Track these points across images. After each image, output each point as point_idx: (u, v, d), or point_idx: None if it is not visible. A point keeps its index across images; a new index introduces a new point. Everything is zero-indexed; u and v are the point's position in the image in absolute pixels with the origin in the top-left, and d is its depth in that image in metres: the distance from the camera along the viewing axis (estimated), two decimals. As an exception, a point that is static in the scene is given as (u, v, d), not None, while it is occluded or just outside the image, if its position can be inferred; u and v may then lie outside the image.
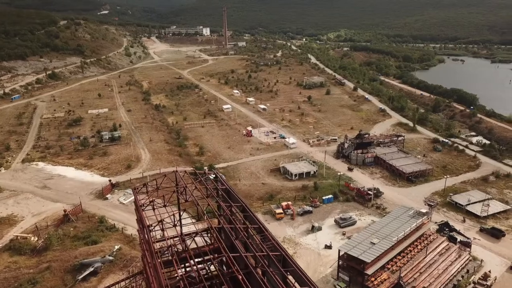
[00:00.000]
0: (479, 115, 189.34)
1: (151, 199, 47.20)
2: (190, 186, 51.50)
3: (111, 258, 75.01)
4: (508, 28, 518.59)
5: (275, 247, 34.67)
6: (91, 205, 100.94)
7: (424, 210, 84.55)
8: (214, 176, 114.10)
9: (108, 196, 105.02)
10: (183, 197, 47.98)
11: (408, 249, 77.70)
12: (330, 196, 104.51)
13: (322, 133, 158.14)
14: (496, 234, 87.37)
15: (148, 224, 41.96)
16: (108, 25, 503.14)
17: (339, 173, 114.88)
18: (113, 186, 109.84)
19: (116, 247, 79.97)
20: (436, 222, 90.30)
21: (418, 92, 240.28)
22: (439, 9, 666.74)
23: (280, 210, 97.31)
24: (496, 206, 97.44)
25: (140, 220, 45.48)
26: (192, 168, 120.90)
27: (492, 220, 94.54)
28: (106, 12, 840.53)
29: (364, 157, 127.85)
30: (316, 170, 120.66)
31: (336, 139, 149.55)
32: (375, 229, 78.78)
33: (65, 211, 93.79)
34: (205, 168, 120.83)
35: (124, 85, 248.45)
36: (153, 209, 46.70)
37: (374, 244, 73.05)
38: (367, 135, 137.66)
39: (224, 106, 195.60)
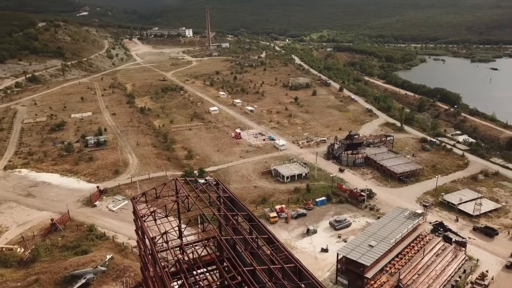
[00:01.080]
0: (463, 114, 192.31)
1: (152, 209, 45.15)
2: (192, 195, 49.81)
3: (103, 268, 72.35)
4: (485, 28, 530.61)
5: (289, 259, 33.27)
6: (79, 213, 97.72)
7: (419, 211, 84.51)
8: (204, 181, 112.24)
9: (97, 203, 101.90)
10: (185, 206, 46.02)
11: (405, 251, 77.44)
12: (324, 198, 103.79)
13: (311, 134, 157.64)
14: (489, 233, 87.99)
15: (152, 236, 39.99)
16: (88, 26, 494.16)
17: (331, 175, 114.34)
18: (101, 193, 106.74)
19: (108, 256, 77.26)
20: (430, 223, 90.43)
21: (403, 92, 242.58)
22: (418, 10, 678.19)
23: (274, 214, 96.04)
24: (487, 205, 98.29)
25: (142, 232, 43.43)
26: (182, 172, 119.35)
27: (484, 219, 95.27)
28: (85, 13, 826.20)
29: (354, 158, 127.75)
30: (308, 172, 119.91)
31: (325, 140, 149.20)
32: (372, 231, 78.20)
33: (52, 220, 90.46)
34: (195, 172, 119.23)
35: (107, 88, 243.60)
36: (155, 220, 44.69)
37: (372, 246, 72.42)
38: (356, 136, 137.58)
39: (211, 108, 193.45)
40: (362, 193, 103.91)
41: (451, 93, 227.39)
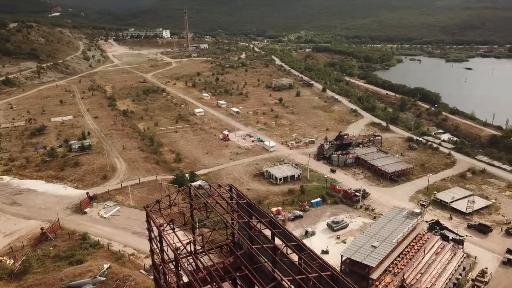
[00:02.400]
0: (444, 113, 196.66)
1: (169, 219, 43.47)
2: (210, 201, 48.35)
3: (102, 278, 69.63)
4: (458, 29, 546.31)
5: (323, 267, 32.35)
6: (69, 220, 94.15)
7: (417, 210, 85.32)
8: (199, 186, 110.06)
9: (87, 210, 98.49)
10: (203, 214, 44.50)
11: (406, 250, 77.94)
12: (319, 199, 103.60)
13: (299, 135, 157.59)
14: (483, 230, 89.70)
15: (171, 246, 38.29)
16: (61, 27, 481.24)
17: (326, 176, 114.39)
18: (91, 199, 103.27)
19: (106, 265, 74.57)
20: (426, 221, 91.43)
21: (384, 91, 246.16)
22: (392, 11, 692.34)
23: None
24: (479, 202, 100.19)
25: (161, 241, 41.73)
26: (173, 176, 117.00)
27: (476, 216, 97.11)
28: (57, 14, 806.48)
29: (345, 158, 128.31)
30: (300, 173, 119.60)
31: (314, 140, 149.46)
32: (373, 232, 78.39)
33: (42, 229, 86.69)
34: (187, 175, 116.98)
35: (86, 90, 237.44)
36: (173, 229, 43.02)
37: (375, 247, 72.55)
38: (346, 136, 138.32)
39: (196, 110, 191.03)
40: (357, 193, 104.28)
41: (431, 92, 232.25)
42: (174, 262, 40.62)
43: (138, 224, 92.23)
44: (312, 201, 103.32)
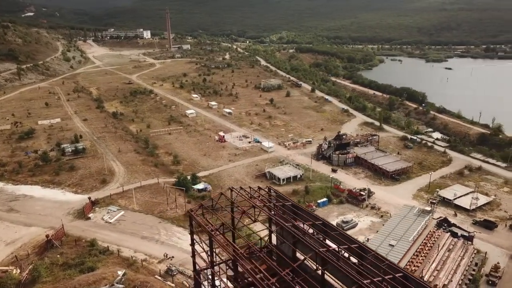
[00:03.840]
0: (432, 112, 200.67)
1: (219, 222, 42.40)
2: (244, 204, 47.53)
3: (120, 286, 67.51)
4: (435, 30, 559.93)
5: (393, 268, 32.05)
6: (73, 226, 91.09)
7: (428, 208, 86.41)
8: (202, 188, 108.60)
9: (90, 215, 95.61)
10: (249, 217, 43.58)
11: (420, 248, 78.71)
12: (325, 199, 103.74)
13: (295, 136, 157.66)
14: (489, 226, 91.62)
15: (227, 249, 37.23)
16: (38, 28, 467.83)
17: (330, 176, 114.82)
18: (93, 204, 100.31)
19: (120, 272, 72.40)
20: (434, 218, 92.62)
21: (371, 91, 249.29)
22: (370, 13, 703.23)
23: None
24: (480, 199, 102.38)
25: (211, 245, 40.59)
26: (174, 179, 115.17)
27: (479, 213, 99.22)
28: (31, 14, 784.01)
29: (345, 157, 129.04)
30: (303, 174, 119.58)
31: (311, 141, 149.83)
32: (388, 230, 78.96)
33: (47, 236, 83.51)
34: (188, 177, 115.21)
35: (71, 92, 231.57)
36: (223, 233, 41.92)
37: (393, 246, 73.06)
38: (344, 136, 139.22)
39: (188, 111, 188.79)
40: (362, 193, 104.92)
41: (417, 92, 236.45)
42: (230, 265, 39.26)
43: (146, 229, 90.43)
44: (319, 201, 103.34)
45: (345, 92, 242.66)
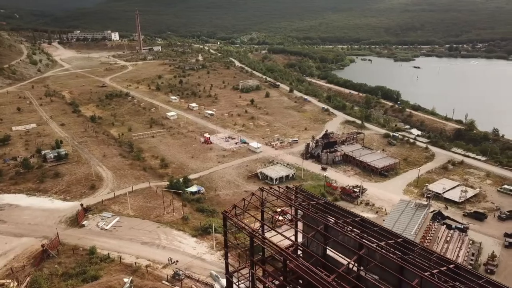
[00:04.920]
0: (408, 110, 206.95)
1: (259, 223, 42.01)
2: (275, 203, 47.54)
3: (130, 293, 65.82)
4: (400, 30, 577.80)
5: (443, 259, 32.87)
6: (68, 235, 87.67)
7: (425, 202, 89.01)
8: (196, 190, 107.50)
9: (84, 222, 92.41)
10: (288, 217, 43.39)
11: (420, 241, 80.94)
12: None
13: (281, 136, 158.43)
14: (479, 217, 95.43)
15: (277, 248, 36.94)
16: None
17: (324, 174, 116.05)
18: (86, 211, 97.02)
19: (126, 279, 70.47)
20: (430, 212, 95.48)
21: (347, 91, 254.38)
22: (337, 13, 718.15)
23: (280, 218, 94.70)
24: (468, 192, 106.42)
25: (263, 244, 40.12)
26: (166, 182, 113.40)
27: (468, 205, 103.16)
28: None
29: (334, 156, 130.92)
30: (294, 173, 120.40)
31: (297, 140, 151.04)
32: (389, 225, 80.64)
33: (43, 246, 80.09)
34: (180, 180, 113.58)
35: (43, 96, 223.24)
36: (262, 233, 41.58)
37: (397, 240, 74.58)
38: (331, 135, 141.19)
39: (169, 114, 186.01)
40: (355, 190, 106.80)
41: (391, 90, 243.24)
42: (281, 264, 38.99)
43: (145, 234, 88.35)
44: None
45: (322, 92, 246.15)
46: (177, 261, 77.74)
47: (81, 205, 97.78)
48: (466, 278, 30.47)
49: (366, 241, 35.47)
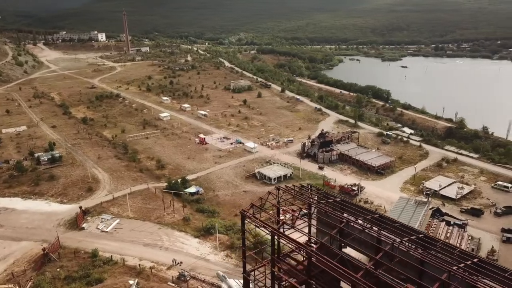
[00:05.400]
0: (399, 109, 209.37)
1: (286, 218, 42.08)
2: (288, 202, 47.73)
3: (138, 295, 65.23)
4: (387, 30, 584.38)
5: (466, 254, 33.44)
6: (68, 238, 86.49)
7: (424, 199, 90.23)
8: (195, 191, 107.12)
9: (84, 225, 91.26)
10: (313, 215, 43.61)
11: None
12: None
13: (276, 135, 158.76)
14: (476, 213, 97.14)
15: (305, 247, 37.08)
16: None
17: (323, 173, 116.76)
18: (85, 213, 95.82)
19: (131, 281, 69.87)
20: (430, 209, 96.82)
21: (338, 90, 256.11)
22: (325, 14, 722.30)
23: (281, 217, 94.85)
24: (464, 188, 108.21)
25: (278, 244, 40.25)
26: (165, 183, 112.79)
27: (464, 201, 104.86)
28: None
29: (330, 155, 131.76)
30: (292, 172, 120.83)
31: (292, 140, 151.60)
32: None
33: (44, 249, 78.93)
34: (179, 181, 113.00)
35: (31, 98, 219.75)
36: (282, 232, 41.69)
37: (400, 237, 75.49)
38: (327, 134, 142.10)
39: (162, 115, 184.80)
40: (354, 188, 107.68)
41: (381, 89, 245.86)
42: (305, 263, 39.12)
43: (146, 236, 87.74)
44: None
45: (313, 91, 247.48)
46: (181, 262, 77.34)
47: (80, 207, 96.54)
48: (491, 271, 31.06)
49: (390, 237, 35.86)
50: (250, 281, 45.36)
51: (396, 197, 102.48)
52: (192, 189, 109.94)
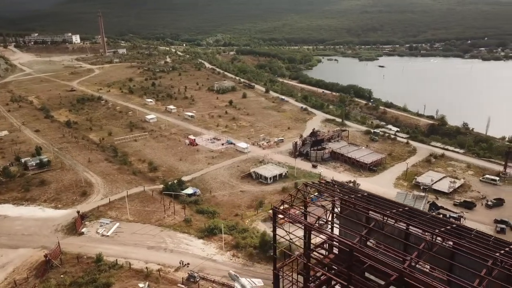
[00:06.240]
0: (381, 107, 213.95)
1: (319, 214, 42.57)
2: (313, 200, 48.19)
3: (152, 298, 64.39)
4: (361, 31, 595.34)
5: (500, 241, 34.84)
6: (68, 243, 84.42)
7: (422, 194, 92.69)
8: (192, 192, 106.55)
9: (83, 230, 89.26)
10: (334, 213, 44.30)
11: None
12: (317, 194, 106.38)
13: (266, 135, 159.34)
14: (469, 206, 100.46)
15: (345, 241, 37.66)
16: None
17: (319, 172, 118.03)
18: (83, 218, 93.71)
19: (142, 285, 68.99)
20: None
21: (320, 90, 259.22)
22: (299, 14, 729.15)
23: (280, 215, 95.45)
24: (456, 182, 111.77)
25: (309, 242, 40.71)
26: (161, 185, 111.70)
27: (456, 195, 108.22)
28: None
29: (322, 153, 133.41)
30: (287, 171, 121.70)
31: (282, 139, 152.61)
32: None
33: (46, 256, 76.83)
34: (175, 183, 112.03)
35: (9, 102, 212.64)
36: (318, 227, 42.18)
37: (404, 231, 77.42)
38: (319, 133, 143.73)
39: (148, 117, 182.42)
40: (350, 185, 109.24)
41: (363, 89, 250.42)
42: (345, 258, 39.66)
43: (149, 238, 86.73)
44: (311, 196, 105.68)
45: (297, 91, 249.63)
46: (188, 264, 76.84)
47: (78, 212, 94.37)
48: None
49: (428, 231, 36.98)
50: (280, 277, 45.76)
51: (391, 193, 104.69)
52: (189, 191, 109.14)
